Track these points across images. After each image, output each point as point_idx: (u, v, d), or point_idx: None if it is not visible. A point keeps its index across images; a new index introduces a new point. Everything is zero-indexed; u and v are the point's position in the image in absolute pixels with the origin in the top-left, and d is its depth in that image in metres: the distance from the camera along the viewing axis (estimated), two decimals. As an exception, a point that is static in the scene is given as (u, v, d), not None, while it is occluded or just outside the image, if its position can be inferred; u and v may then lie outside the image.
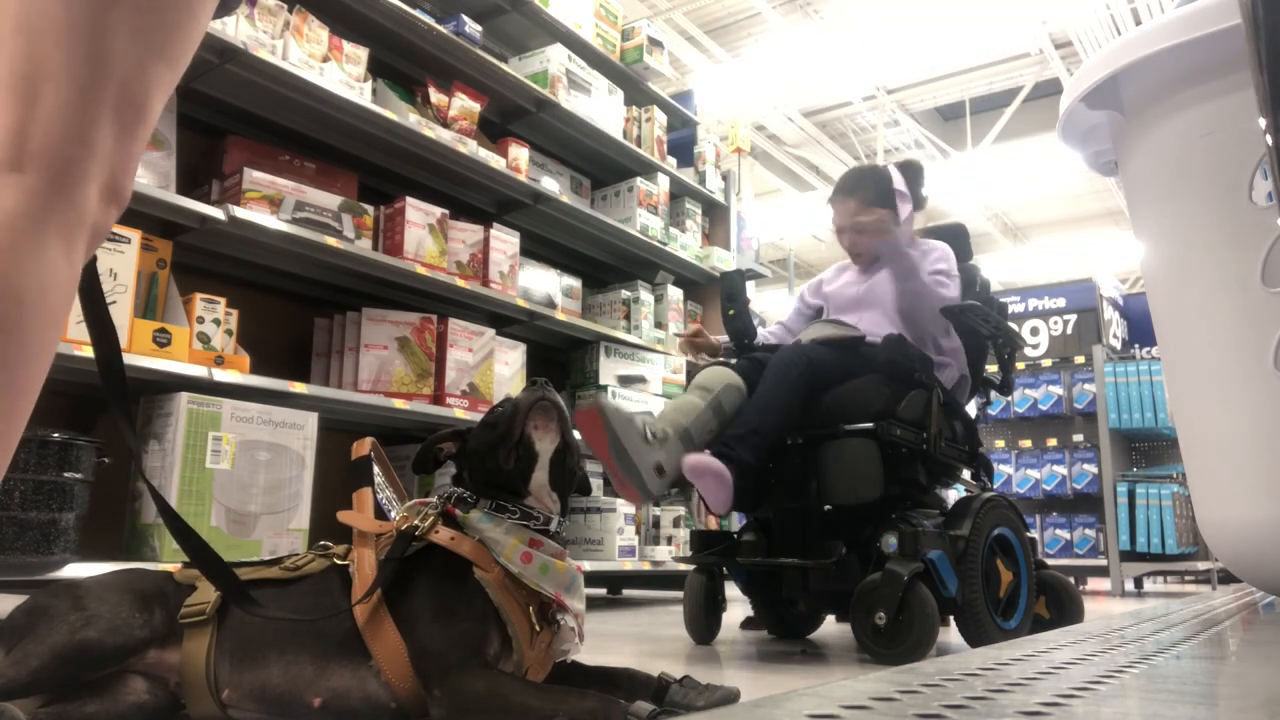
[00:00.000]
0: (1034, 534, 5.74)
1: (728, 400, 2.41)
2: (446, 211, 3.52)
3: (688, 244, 4.86)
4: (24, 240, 0.72)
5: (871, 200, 2.72)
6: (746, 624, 2.93)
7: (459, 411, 3.37)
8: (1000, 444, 6.29)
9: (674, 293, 4.73)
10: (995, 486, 2.99)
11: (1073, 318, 6.33)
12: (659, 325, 4.61)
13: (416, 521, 1.34)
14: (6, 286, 0.71)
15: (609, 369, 4.26)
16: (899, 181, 2.65)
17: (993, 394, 3.00)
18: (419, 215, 3.39)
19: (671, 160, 4.89)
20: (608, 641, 2.60)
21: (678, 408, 2.39)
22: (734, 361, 2.64)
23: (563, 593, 1.32)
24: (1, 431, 0.74)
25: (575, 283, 4.33)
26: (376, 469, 1.50)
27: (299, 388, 2.87)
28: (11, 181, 0.72)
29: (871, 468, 2.35)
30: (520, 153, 3.93)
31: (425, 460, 1.47)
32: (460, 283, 3.46)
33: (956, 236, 3.04)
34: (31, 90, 0.74)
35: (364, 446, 1.49)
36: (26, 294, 0.72)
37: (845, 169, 12.18)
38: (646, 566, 4.05)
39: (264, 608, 1.22)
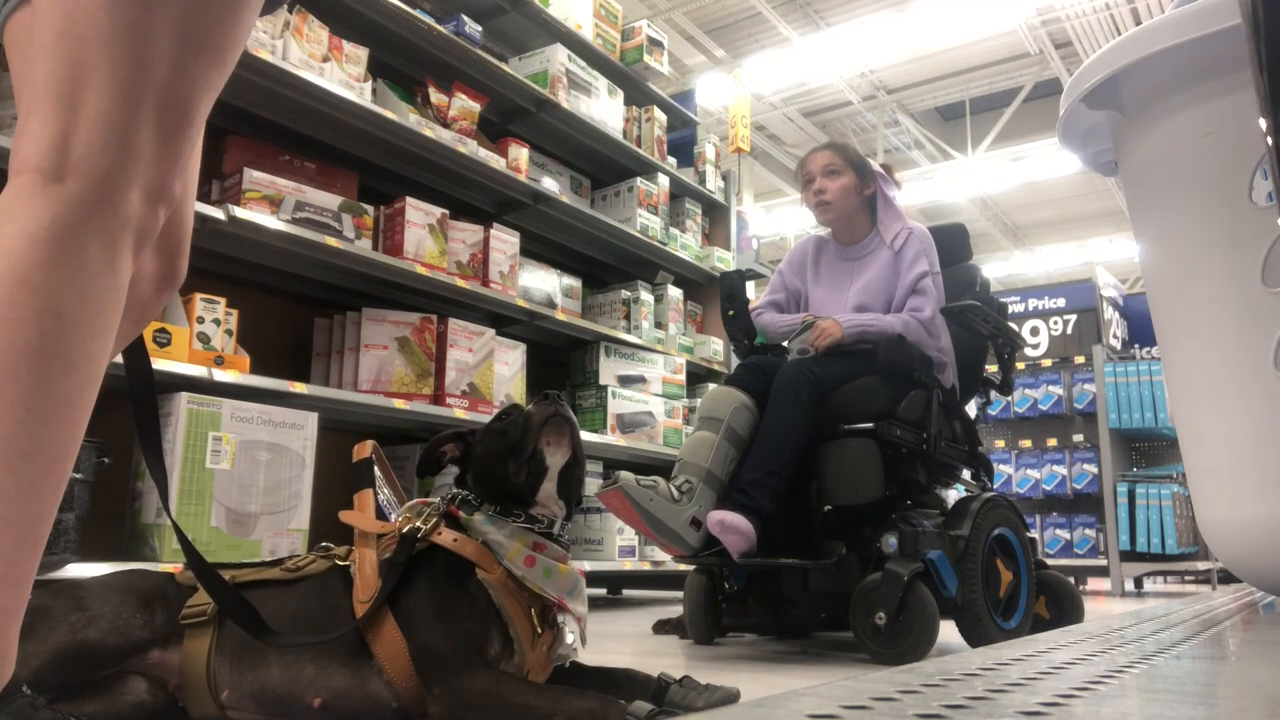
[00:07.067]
0: (1034, 534, 5.74)
1: (739, 423, 2.43)
2: (446, 211, 3.51)
3: (688, 244, 4.86)
4: (60, 253, 0.72)
5: (851, 159, 2.78)
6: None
7: (459, 411, 3.37)
8: (1000, 444, 6.29)
9: (674, 293, 4.73)
10: (995, 486, 2.99)
11: (1073, 318, 6.33)
12: (659, 325, 4.61)
13: (419, 523, 1.34)
14: (44, 303, 0.71)
15: (609, 369, 4.26)
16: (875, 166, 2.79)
17: (993, 394, 3.00)
18: (419, 215, 3.39)
19: (671, 160, 4.89)
20: (608, 641, 2.60)
21: (694, 451, 2.41)
22: (733, 373, 2.64)
23: (565, 596, 1.32)
24: (60, 441, 0.73)
25: (575, 283, 4.32)
26: (377, 471, 1.50)
27: (299, 388, 2.87)
28: (50, 193, 0.73)
29: (871, 468, 2.35)
30: (520, 153, 3.93)
31: (429, 464, 1.48)
32: (460, 283, 3.46)
33: (956, 236, 3.05)
34: (74, 96, 0.74)
35: (365, 449, 1.50)
36: (65, 307, 0.72)
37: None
38: (646, 566, 4.05)
39: (283, 637, 1.22)
